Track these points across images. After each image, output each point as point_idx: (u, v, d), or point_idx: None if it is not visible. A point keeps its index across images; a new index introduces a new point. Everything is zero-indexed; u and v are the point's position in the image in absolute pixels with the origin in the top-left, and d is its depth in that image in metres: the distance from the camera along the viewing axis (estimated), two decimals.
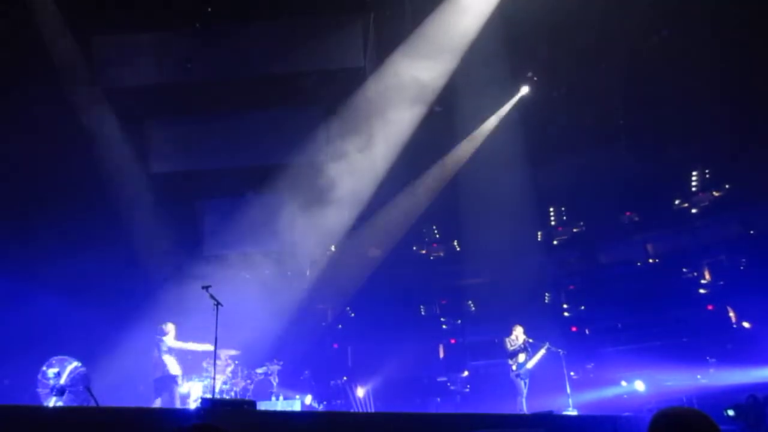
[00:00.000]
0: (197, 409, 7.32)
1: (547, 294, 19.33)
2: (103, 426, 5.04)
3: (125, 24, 11.11)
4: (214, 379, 8.53)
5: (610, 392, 14.63)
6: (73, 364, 8.08)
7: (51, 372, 7.87)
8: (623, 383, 14.86)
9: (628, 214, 18.40)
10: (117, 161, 12.11)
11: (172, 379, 9.38)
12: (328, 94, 11.99)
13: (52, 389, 7.70)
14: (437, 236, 19.92)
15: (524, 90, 14.73)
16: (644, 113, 15.14)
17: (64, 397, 7.67)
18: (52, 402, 7.63)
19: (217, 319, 7.94)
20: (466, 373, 17.45)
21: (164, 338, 9.47)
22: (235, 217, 12.56)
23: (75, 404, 7.68)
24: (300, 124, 12.25)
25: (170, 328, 9.64)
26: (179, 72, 11.38)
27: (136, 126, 12.36)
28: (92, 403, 7.45)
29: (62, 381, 7.75)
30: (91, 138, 11.57)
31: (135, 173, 12.33)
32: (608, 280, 18.18)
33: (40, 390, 8.05)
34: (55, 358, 8.16)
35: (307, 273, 15.19)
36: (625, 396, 14.53)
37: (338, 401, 13.81)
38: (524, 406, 10.83)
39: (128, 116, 12.08)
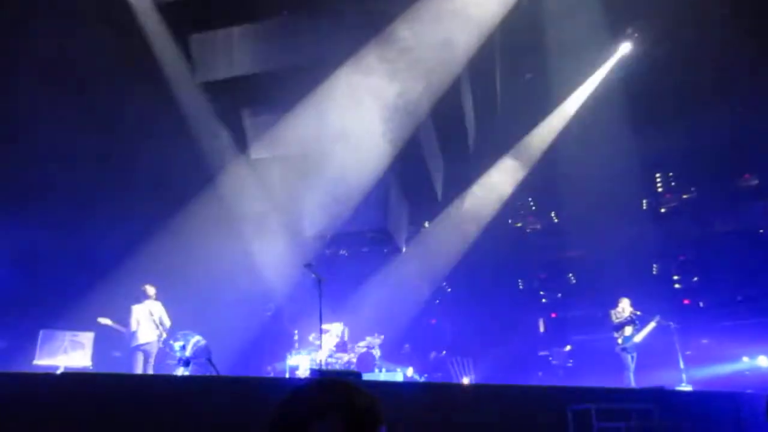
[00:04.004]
0: (307, 379, 7.77)
1: (654, 265, 18.29)
2: (224, 392, 5.51)
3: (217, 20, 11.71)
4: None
5: (729, 368, 13.71)
6: (196, 338, 8.80)
7: (177, 345, 8.64)
8: (745, 359, 13.85)
9: (746, 177, 16.88)
10: (218, 151, 12.87)
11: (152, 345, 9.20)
12: None
13: (179, 360, 8.47)
14: (533, 209, 19.41)
15: (625, 48, 13.85)
16: (765, 64, 13.67)
17: (190, 367, 8.41)
18: (180, 371, 8.39)
19: (320, 294, 8.32)
20: (568, 348, 17.00)
21: (151, 302, 9.34)
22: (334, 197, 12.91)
23: (199, 374, 8.40)
24: None
25: (153, 291, 9.44)
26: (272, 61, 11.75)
27: (235, 116, 12.98)
28: (214, 373, 8.14)
29: (187, 353, 8.48)
30: (191, 129, 12.32)
31: (237, 160, 13.02)
32: (725, 250, 16.81)
33: (168, 361, 8.90)
34: (180, 332, 8.94)
35: (403, 250, 15.43)
36: (747, 372, 13.56)
37: (438, 374, 14.00)
38: (632, 381, 10.43)
39: (226, 106, 12.71)
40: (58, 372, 7.76)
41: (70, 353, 8.68)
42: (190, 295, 11.12)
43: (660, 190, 18.09)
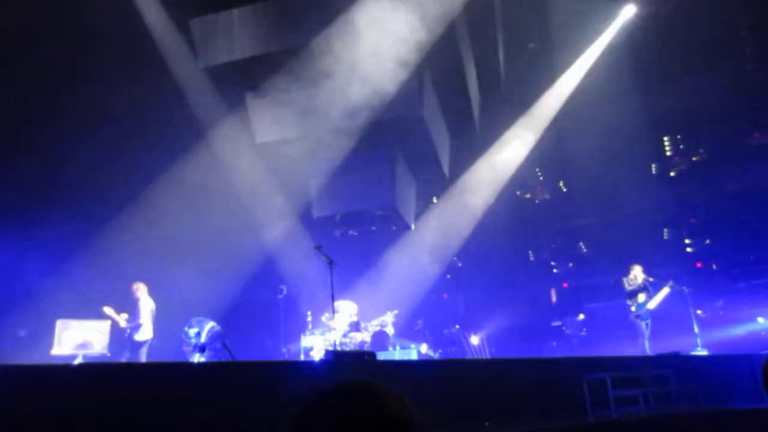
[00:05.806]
0: (322, 361, 7.82)
1: (665, 230, 18.17)
2: (242, 377, 5.55)
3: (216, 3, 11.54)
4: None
5: (744, 330, 13.69)
6: (210, 324, 8.86)
7: (192, 332, 8.71)
8: (760, 320, 13.82)
9: (757, 135, 16.61)
10: (224, 134, 12.79)
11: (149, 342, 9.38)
12: None
13: (194, 347, 8.54)
14: (541, 179, 19.27)
15: (628, 11, 13.57)
16: None
17: (206, 353, 8.49)
18: (196, 358, 8.47)
19: (331, 275, 8.32)
20: (581, 317, 17.03)
21: (150, 300, 9.54)
22: (341, 178, 12.86)
23: (215, 359, 8.48)
24: None
25: (145, 287, 9.58)
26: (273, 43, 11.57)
27: (238, 100, 12.86)
28: (229, 358, 8.20)
29: (202, 339, 8.54)
30: (196, 114, 12.25)
31: (243, 145, 12.95)
32: (737, 210, 16.64)
33: (184, 348, 8.99)
34: (194, 319, 9.00)
35: (412, 227, 15.38)
36: (762, 333, 13.54)
37: (453, 349, 14.07)
38: (647, 348, 10.42)
39: (229, 91, 12.58)
40: (76, 362, 7.86)
41: (87, 342, 8.77)
42: (203, 279, 11.19)
43: (668, 153, 17.88)
